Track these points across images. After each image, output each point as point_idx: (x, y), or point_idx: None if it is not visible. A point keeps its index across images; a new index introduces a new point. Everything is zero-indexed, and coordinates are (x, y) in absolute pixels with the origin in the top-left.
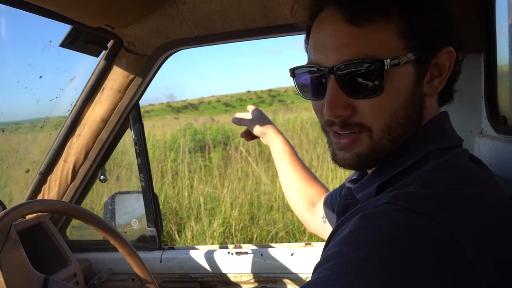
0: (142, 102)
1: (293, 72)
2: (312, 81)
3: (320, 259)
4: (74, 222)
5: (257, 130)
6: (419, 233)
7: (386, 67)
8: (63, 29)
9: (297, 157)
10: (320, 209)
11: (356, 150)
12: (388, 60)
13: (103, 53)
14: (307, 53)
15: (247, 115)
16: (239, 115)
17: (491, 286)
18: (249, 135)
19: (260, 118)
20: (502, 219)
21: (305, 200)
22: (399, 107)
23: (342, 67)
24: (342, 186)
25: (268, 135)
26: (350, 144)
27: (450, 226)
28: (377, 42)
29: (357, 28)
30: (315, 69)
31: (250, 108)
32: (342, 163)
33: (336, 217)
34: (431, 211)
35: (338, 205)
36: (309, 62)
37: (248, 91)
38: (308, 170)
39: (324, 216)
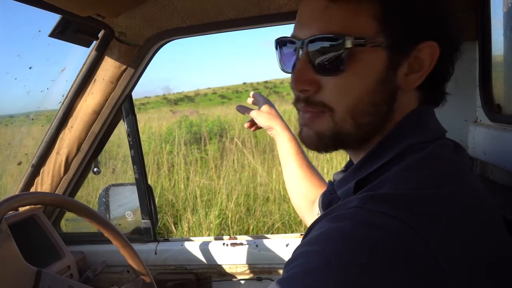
0: (138, 95)
1: (276, 43)
2: (288, 54)
3: (290, 257)
4: (68, 214)
5: (263, 122)
6: (385, 233)
7: (349, 45)
8: (53, 19)
9: (303, 155)
10: (316, 207)
11: (317, 128)
12: (352, 38)
13: (94, 43)
14: None
15: (258, 101)
16: (248, 102)
17: (460, 284)
18: (253, 125)
19: (267, 110)
20: (477, 222)
21: (307, 201)
22: (365, 92)
23: (311, 41)
24: None
25: (274, 130)
26: (312, 120)
27: (419, 226)
28: (346, 19)
29: (331, 3)
30: (291, 42)
31: (256, 96)
32: (305, 140)
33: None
34: (398, 212)
35: (322, 201)
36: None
37: (244, 83)
38: (313, 170)
39: (319, 214)
